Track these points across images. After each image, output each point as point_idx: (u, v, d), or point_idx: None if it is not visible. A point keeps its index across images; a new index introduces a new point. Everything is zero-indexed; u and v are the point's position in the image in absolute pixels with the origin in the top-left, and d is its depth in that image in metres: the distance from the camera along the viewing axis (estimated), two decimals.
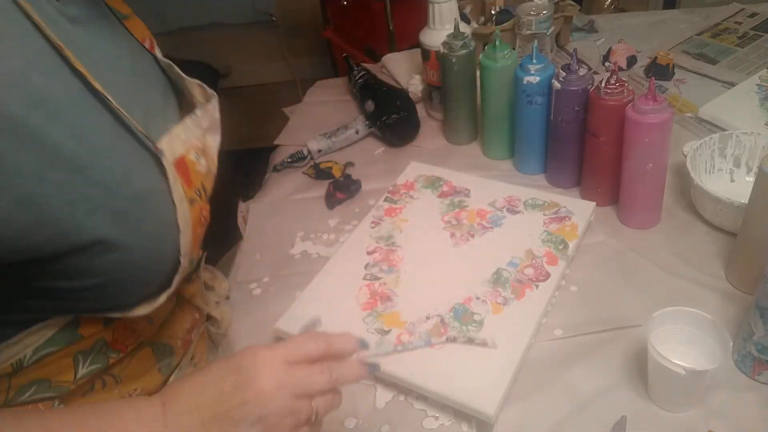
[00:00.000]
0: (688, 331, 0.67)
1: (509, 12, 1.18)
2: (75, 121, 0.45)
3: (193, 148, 0.59)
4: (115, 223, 0.48)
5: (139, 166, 0.51)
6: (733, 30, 1.27)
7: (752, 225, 0.73)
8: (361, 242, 0.88)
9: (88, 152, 0.45)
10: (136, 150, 0.51)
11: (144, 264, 0.52)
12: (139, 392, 0.62)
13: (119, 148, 0.49)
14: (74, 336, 0.53)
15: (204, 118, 0.61)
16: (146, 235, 0.51)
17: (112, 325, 0.56)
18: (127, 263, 0.50)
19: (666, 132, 0.80)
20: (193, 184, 0.57)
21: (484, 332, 0.74)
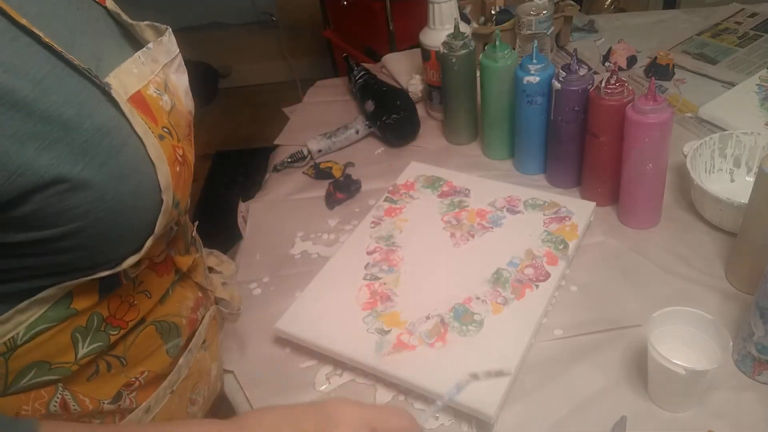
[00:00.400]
0: (688, 331, 0.67)
1: (509, 12, 1.18)
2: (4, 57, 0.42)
3: (152, 84, 0.56)
4: (76, 159, 0.46)
5: (92, 101, 0.48)
6: (733, 30, 1.27)
7: (752, 225, 0.73)
8: (361, 242, 0.88)
9: (28, 87, 0.44)
10: (85, 86, 0.48)
11: (121, 203, 0.50)
12: (146, 375, 0.61)
13: (66, 83, 0.47)
14: (68, 311, 0.53)
15: (158, 51, 0.59)
16: (116, 171, 0.49)
17: (107, 298, 0.55)
18: (101, 203, 0.49)
19: (666, 132, 0.80)
20: (159, 121, 0.56)
21: (484, 332, 0.74)
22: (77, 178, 0.46)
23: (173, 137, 0.57)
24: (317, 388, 0.74)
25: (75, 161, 0.46)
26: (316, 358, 0.77)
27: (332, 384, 0.74)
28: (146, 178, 0.52)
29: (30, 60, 0.44)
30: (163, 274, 0.62)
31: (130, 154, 0.51)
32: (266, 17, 2.80)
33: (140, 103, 0.54)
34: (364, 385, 0.73)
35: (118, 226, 0.51)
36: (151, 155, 0.52)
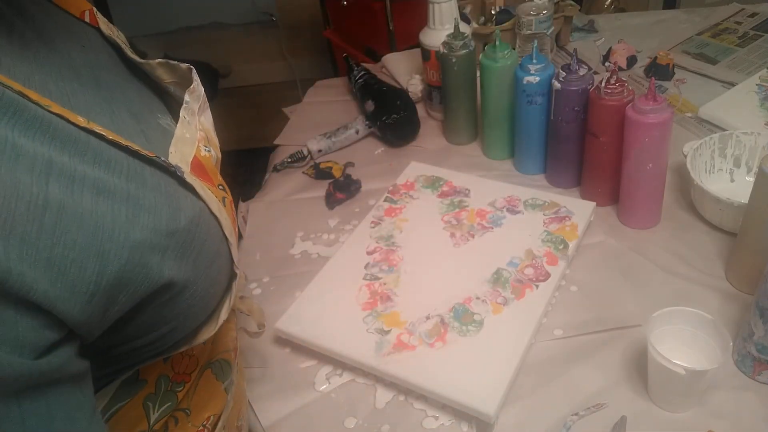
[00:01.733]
0: (688, 331, 0.67)
1: (509, 12, 1.18)
2: (92, 175, 0.37)
3: (201, 141, 0.52)
4: (180, 260, 0.43)
5: (173, 192, 0.44)
6: (733, 30, 1.27)
7: (752, 225, 0.73)
8: (361, 242, 0.88)
9: (123, 203, 0.39)
10: (160, 176, 0.43)
11: (208, 291, 0.47)
12: (211, 420, 0.57)
13: (146, 181, 0.41)
14: (138, 384, 0.49)
15: (194, 101, 0.54)
16: (205, 261, 0.46)
17: (171, 358, 0.52)
18: (194, 298, 0.45)
19: (666, 132, 0.80)
20: (214, 181, 0.52)
21: (484, 332, 0.74)
22: (180, 282, 0.43)
23: (227, 192, 0.53)
24: (317, 388, 0.74)
25: (179, 266, 0.43)
26: (316, 358, 0.77)
27: (332, 384, 0.74)
28: (224, 257, 0.49)
29: (109, 167, 0.39)
30: None
31: (213, 239, 0.47)
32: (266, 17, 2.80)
33: (198, 169, 0.49)
34: (364, 385, 0.74)
35: (202, 312, 0.49)
36: (225, 233, 0.49)
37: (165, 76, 0.56)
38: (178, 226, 0.42)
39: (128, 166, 0.40)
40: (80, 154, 0.37)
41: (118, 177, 0.39)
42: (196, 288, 0.45)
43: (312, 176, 1.07)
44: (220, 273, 0.49)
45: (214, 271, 0.48)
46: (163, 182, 0.43)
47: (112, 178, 0.39)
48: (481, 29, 1.17)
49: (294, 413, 0.71)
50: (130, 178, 0.40)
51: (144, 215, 0.40)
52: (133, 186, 0.40)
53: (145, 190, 0.41)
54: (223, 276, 0.50)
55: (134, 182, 0.40)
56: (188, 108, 0.53)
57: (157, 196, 0.42)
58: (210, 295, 0.48)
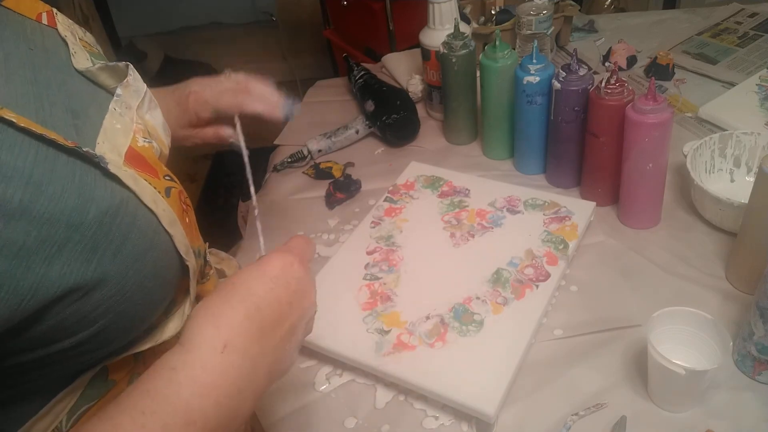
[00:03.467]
0: (688, 331, 0.67)
1: (509, 12, 1.18)
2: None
3: (138, 133, 0.51)
4: (88, 257, 0.41)
5: (89, 181, 0.42)
6: (733, 30, 1.27)
7: (752, 225, 0.73)
8: (361, 242, 0.88)
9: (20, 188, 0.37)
10: (76, 165, 0.42)
11: (142, 287, 0.45)
12: None
13: (57, 168, 0.40)
14: (106, 384, 0.48)
15: (128, 95, 0.53)
16: (130, 255, 0.43)
17: (142, 356, 0.50)
18: (121, 295, 0.43)
19: (666, 132, 0.80)
20: (159, 171, 0.50)
21: (484, 332, 0.74)
22: (92, 279, 0.41)
23: (176, 182, 0.52)
24: (317, 388, 0.74)
25: (87, 260, 0.41)
26: (316, 358, 0.77)
27: (332, 384, 0.74)
28: (164, 249, 0.47)
29: (11, 153, 0.38)
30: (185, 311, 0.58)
31: (142, 230, 0.45)
32: (266, 17, 2.80)
33: (136, 159, 0.48)
34: (364, 385, 0.74)
35: (146, 307, 0.47)
36: (164, 224, 0.47)
37: (108, 81, 0.54)
38: (84, 218, 0.40)
39: (36, 153, 0.39)
40: None
41: (23, 162, 0.38)
42: (122, 284, 0.43)
43: (312, 176, 1.07)
44: (158, 266, 0.47)
45: (149, 266, 0.45)
46: (78, 172, 0.42)
47: (14, 161, 0.38)
48: (481, 29, 1.17)
49: (294, 413, 0.71)
50: (36, 164, 0.39)
51: (43, 199, 0.38)
52: (38, 172, 0.39)
53: (52, 177, 0.39)
54: (166, 269, 0.48)
55: (40, 168, 0.39)
56: (120, 101, 0.52)
57: (66, 184, 0.40)
58: (146, 290, 0.46)
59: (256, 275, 0.46)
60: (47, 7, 0.54)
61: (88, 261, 0.41)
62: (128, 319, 0.45)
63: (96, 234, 0.41)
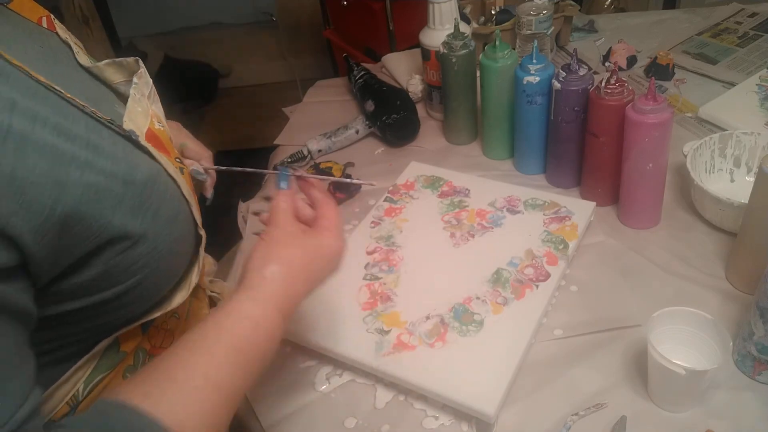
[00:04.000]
0: (688, 331, 0.67)
1: (509, 12, 1.18)
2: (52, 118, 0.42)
3: (154, 117, 0.57)
4: (136, 213, 0.47)
5: (130, 152, 0.48)
6: (733, 30, 1.27)
7: (752, 225, 0.73)
8: (361, 242, 0.88)
9: (83, 148, 0.43)
10: (116, 138, 0.48)
11: (172, 248, 0.51)
12: None
13: (104, 138, 0.46)
14: (118, 356, 0.53)
15: (142, 84, 0.59)
16: (165, 217, 0.50)
17: (148, 332, 0.56)
18: (156, 252, 0.49)
19: (666, 132, 0.80)
20: (172, 153, 0.56)
21: (484, 332, 0.74)
22: (138, 232, 0.47)
23: (184, 164, 0.58)
24: (317, 388, 0.74)
25: (136, 215, 0.47)
26: (316, 358, 0.77)
27: (332, 384, 0.74)
28: (186, 217, 0.54)
29: (68, 119, 0.43)
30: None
31: (172, 198, 0.52)
32: (266, 17, 2.80)
33: (154, 140, 0.54)
34: (364, 385, 0.74)
35: (170, 270, 0.52)
36: (184, 193, 0.53)
37: (115, 77, 0.60)
38: (135, 178, 0.47)
39: (86, 121, 0.45)
40: (41, 102, 0.42)
41: (78, 127, 0.43)
42: (157, 242, 0.49)
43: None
44: (183, 232, 0.53)
45: (177, 230, 0.52)
46: (120, 142, 0.48)
47: (73, 126, 0.43)
48: (481, 29, 1.17)
49: (294, 413, 0.71)
50: (89, 129, 0.44)
51: (103, 160, 0.44)
52: (94, 136, 0.44)
53: (105, 142, 0.45)
54: (187, 236, 0.54)
55: (94, 134, 0.45)
56: (137, 87, 0.58)
57: (116, 150, 0.46)
58: (174, 253, 0.52)
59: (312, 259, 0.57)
60: (46, 12, 0.58)
61: (137, 216, 0.47)
62: (159, 276, 0.51)
63: (143, 194, 0.47)
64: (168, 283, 0.54)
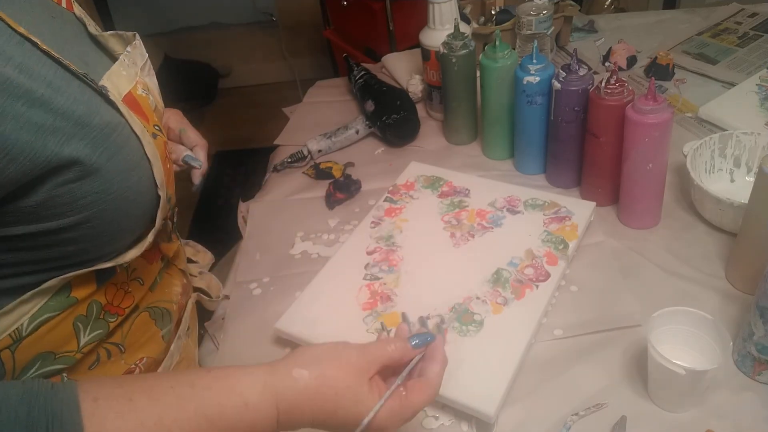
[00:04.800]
0: (688, 331, 0.67)
1: (509, 12, 1.18)
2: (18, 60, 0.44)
3: (139, 84, 0.60)
4: (91, 148, 0.48)
5: (95, 101, 0.51)
6: (733, 30, 1.27)
7: (752, 225, 0.73)
8: (361, 242, 0.88)
9: (42, 87, 0.45)
10: (85, 88, 0.50)
11: (123, 196, 0.52)
12: (145, 361, 0.63)
13: (70, 85, 0.49)
14: (68, 300, 0.54)
15: (135, 54, 0.62)
16: (120, 165, 0.51)
17: (104, 286, 0.57)
18: (107, 194, 0.50)
19: (666, 132, 0.80)
20: (150, 119, 0.58)
21: (484, 332, 0.74)
22: (90, 164, 0.48)
23: (164, 134, 0.60)
24: None
25: (91, 149, 0.49)
26: None
27: None
28: (145, 174, 0.55)
29: (37, 63, 0.46)
30: (153, 261, 0.64)
31: (131, 151, 0.53)
32: (266, 17, 2.80)
33: (132, 103, 0.57)
34: None
35: (120, 219, 0.53)
36: (147, 153, 0.55)
37: (117, 48, 0.62)
38: (91, 121, 0.48)
39: (56, 70, 0.47)
40: (12, 45, 0.44)
41: (45, 71, 0.46)
42: (107, 184, 0.50)
43: (312, 176, 1.07)
44: (140, 185, 0.54)
45: (133, 179, 0.53)
46: (87, 91, 0.50)
47: (39, 69, 0.46)
48: (481, 29, 1.17)
49: None
50: (56, 76, 0.47)
51: (61, 98, 0.46)
52: (58, 81, 0.47)
53: (69, 88, 0.48)
54: (144, 190, 0.55)
55: (59, 80, 0.47)
56: (129, 55, 0.60)
57: (78, 95, 0.48)
58: (127, 201, 0.53)
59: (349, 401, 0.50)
60: None
61: (89, 153, 0.48)
62: (109, 221, 0.52)
63: (97, 137, 0.49)
64: (119, 231, 0.55)
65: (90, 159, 0.48)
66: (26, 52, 0.46)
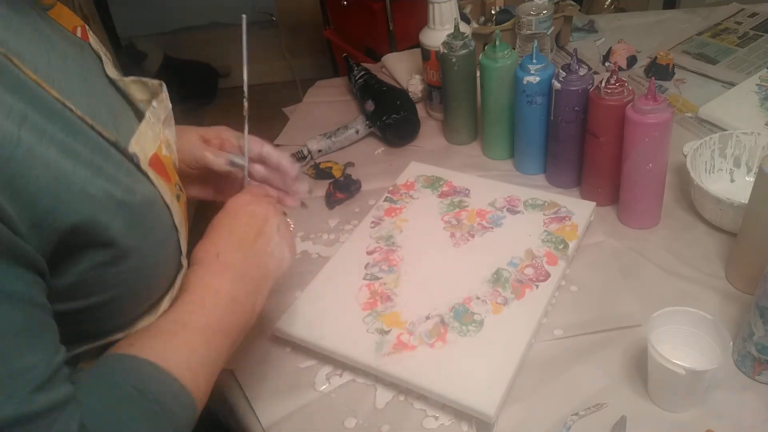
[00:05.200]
0: (688, 331, 0.67)
1: (509, 12, 1.18)
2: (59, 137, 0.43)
3: (163, 143, 0.59)
4: (128, 227, 0.47)
5: (132, 174, 0.50)
6: (733, 30, 1.27)
7: (752, 225, 0.73)
8: (361, 242, 0.88)
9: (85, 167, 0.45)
10: (121, 159, 0.49)
11: (153, 272, 0.52)
12: None
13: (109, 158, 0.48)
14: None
15: (160, 109, 0.61)
16: (154, 240, 0.51)
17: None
18: (138, 272, 0.50)
19: (666, 132, 0.80)
20: (172, 179, 0.58)
21: (484, 332, 0.74)
22: (125, 245, 0.48)
23: (183, 192, 0.60)
24: (317, 388, 0.74)
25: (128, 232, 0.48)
26: (316, 358, 0.77)
27: (332, 384, 0.74)
28: (173, 244, 0.55)
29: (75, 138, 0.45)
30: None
31: (163, 224, 0.53)
32: (266, 17, 2.80)
33: (157, 165, 0.55)
34: (364, 385, 0.74)
35: (145, 291, 0.53)
36: (175, 222, 0.55)
37: (137, 95, 0.61)
38: (133, 199, 0.48)
39: (94, 141, 0.47)
40: (51, 119, 0.43)
41: (83, 146, 0.45)
42: (141, 262, 0.50)
43: (312, 176, 1.07)
44: (168, 257, 0.54)
45: (162, 254, 0.53)
46: (123, 163, 0.49)
47: (78, 145, 0.45)
48: (481, 29, 1.17)
49: (294, 413, 0.71)
50: (94, 150, 0.46)
51: (103, 180, 0.46)
52: (97, 157, 0.46)
53: (107, 163, 0.47)
54: (170, 262, 0.55)
55: (98, 155, 0.46)
56: (155, 112, 0.60)
57: (117, 170, 0.48)
58: (154, 275, 0.53)
59: (223, 215, 0.62)
60: (81, 22, 0.60)
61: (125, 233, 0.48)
62: (132, 296, 0.51)
63: (135, 216, 0.49)
64: (140, 304, 0.53)
65: (126, 240, 0.47)
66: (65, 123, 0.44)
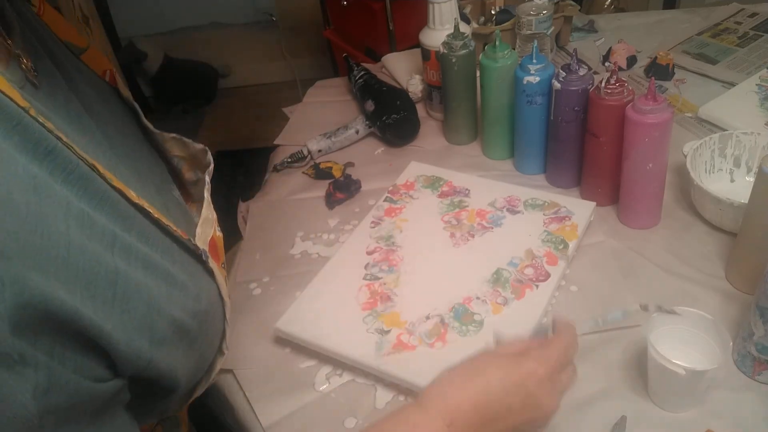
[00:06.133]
0: (688, 331, 0.67)
1: (509, 12, 1.18)
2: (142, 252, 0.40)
3: (215, 222, 0.55)
4: (186, 350, 0.44)
5: (196, 272, 0.46)
6: (733, 30, 1.27)
7: (752, 225, 0.73)
8: (361, 242, 0.88)
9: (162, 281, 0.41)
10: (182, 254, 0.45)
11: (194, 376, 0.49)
12: None
13: (176, 261, 0.43)
14: None
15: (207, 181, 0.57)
16: (208, 343, 0.48)
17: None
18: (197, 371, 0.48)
19: (666, 132, 0.80)
20: (220, 260, 0.54)
21: (484, 332, 0.74)
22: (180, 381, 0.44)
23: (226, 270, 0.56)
24: (317, 388, 0.74)
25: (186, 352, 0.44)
26: (316, 358, 0.77)
27: (332, 384, 0.74)
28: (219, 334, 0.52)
29: (151, 245, 0.42)
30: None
31: (218, 321, 0.50)
32: (266, 17, 2.80)
33: (213, 248, 0.52)
34: (364, 385, 0.74)
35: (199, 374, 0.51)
36: (226, 315, 0.51)
37: (175, 150, 0.58)
38: (200, 307, 0.45)
39: (163, 244, 0.43)
40: (130, 230, 0.40)
41: (156, 252, 0.42)
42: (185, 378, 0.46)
43: (312, 176, 1.07)
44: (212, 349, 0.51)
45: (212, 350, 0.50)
46: (187, 263, 0.45)
47: (153, 254, 0.41)
48: (481, 29, 1.17)
49: (294, 413, 0.71)
50: (164, 254, 0.43)
51: (176, 292, 0.42)
52: (167, 262, 0.42)
53: (176, 268, 0.43)
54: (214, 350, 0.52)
55: (168, 259, 0.43)
56: (209, 189, 0.55)
57: (184, 275, 0.44)
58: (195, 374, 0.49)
59: (500, 374, 0.51)
60: (110, 65, 0.56)
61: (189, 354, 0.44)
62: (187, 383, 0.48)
63: (200, 327, 0.45)
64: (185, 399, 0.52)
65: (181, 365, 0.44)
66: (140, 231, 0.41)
